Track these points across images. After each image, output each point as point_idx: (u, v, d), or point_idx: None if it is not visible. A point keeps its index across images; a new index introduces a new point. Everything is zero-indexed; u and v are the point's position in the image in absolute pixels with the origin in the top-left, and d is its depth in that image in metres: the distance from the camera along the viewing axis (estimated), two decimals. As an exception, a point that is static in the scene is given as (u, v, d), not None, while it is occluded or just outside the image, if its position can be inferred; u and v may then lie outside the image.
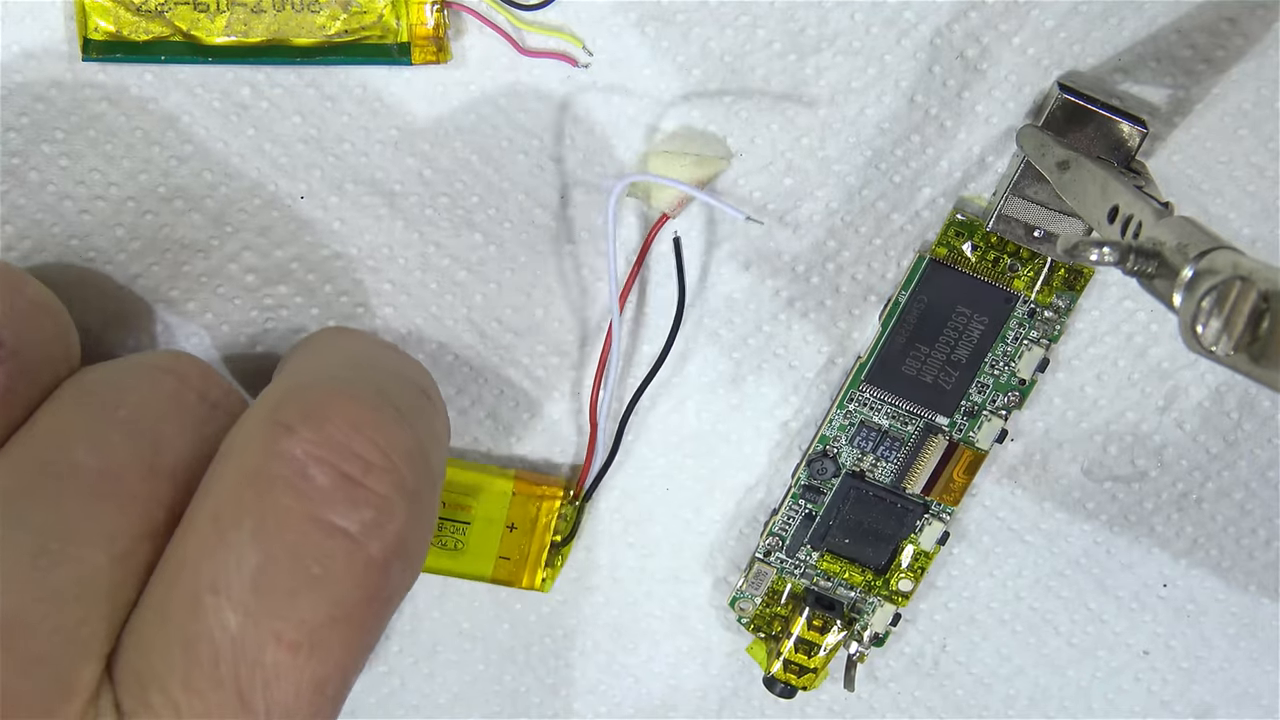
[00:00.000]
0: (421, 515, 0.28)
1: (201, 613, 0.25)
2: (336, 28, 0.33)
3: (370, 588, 0.26)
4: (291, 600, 0.25)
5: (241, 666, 0.25)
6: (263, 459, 0.26)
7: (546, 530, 0.37)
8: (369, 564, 0.26)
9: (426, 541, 0.28)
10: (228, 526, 0.26)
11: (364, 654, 0.27)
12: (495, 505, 0.36)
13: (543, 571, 0.37)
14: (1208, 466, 0.38)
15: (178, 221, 0.35)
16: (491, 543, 0.37)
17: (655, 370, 0.36)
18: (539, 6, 0.33)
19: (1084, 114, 0.33)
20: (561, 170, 0.35)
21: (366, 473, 0.26)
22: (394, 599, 0.27)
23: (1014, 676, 0.40)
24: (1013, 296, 0.36)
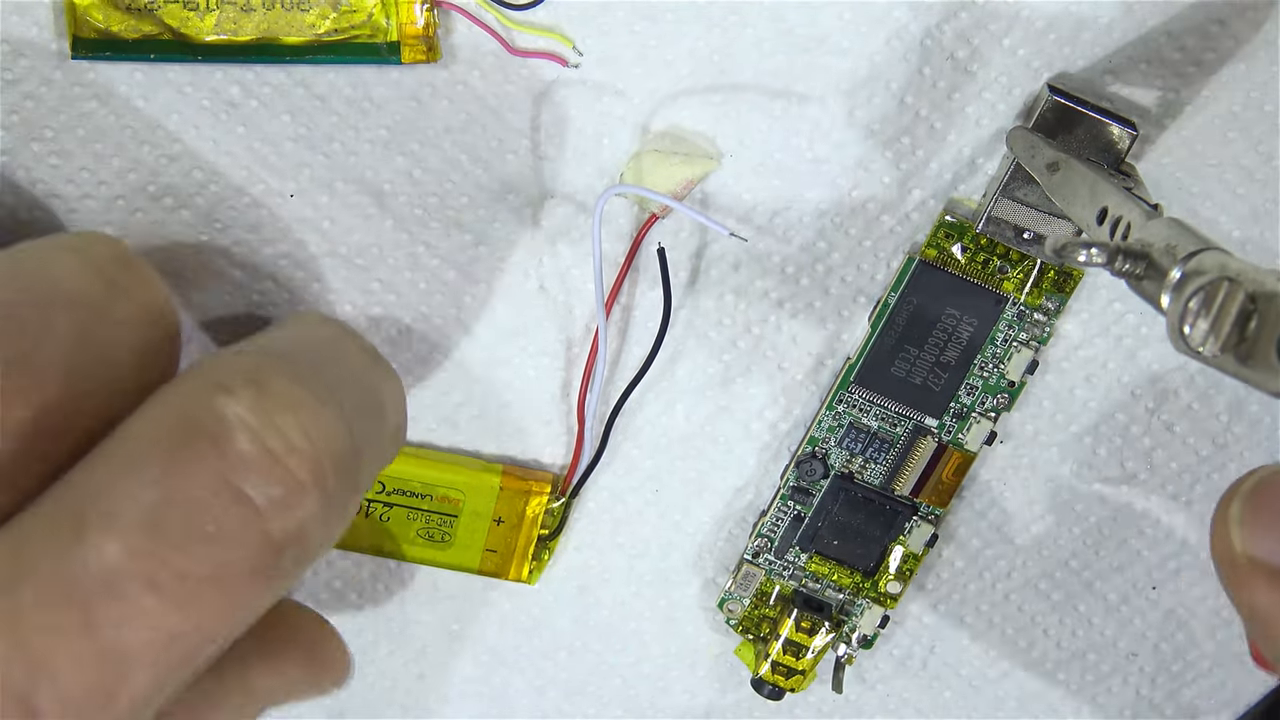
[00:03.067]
0: (331, 516, 0.27)
1: (83, 532, 0.25)
2: (326, 26, 0.33)
3: (257, 564, 0.26)
4: (177, 549, 0.25)
5: (103, 596, 0.24)
6: (192, 409, 0.26)
7: (533, 525, 0.37)
8: (264, 540, 0.26)
9: (327, 546, 0.28)
10: (138, 460, 0.25)
11: (228, 629, 0.26)
12: (482, 499, 0.36)
13: (529, 564, 0.37)
14: (1197, 469, 0.38)
15: (167, 219, 0.35)
16: (478, 536, 0.37)
17: (641, 375, 0.36)
18: (529, 6, 0.33)
19: (1074, 116, 0.33)
20: (551, 170, 0.35)
21: (289, 452, 0.26)
22: (276, 585, 0.27)
23: (1002, 679, 0.40)
24: (1002, 298, 0.36)
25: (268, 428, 0.26)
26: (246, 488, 0.25)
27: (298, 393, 0.27)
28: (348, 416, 0.28)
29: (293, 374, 0.27)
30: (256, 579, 0.26)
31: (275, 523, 0.26)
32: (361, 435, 0.28)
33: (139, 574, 0.24)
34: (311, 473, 0.26)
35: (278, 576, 0.26)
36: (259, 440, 0.26)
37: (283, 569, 0.26)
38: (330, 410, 0.27)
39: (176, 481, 0.25)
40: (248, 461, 0.26)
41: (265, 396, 0.26)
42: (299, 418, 0.26)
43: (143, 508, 0.25)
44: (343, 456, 0.27)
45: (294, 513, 0.26)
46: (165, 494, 0.25)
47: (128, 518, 0.25)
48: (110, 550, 0.24)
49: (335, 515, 0.27)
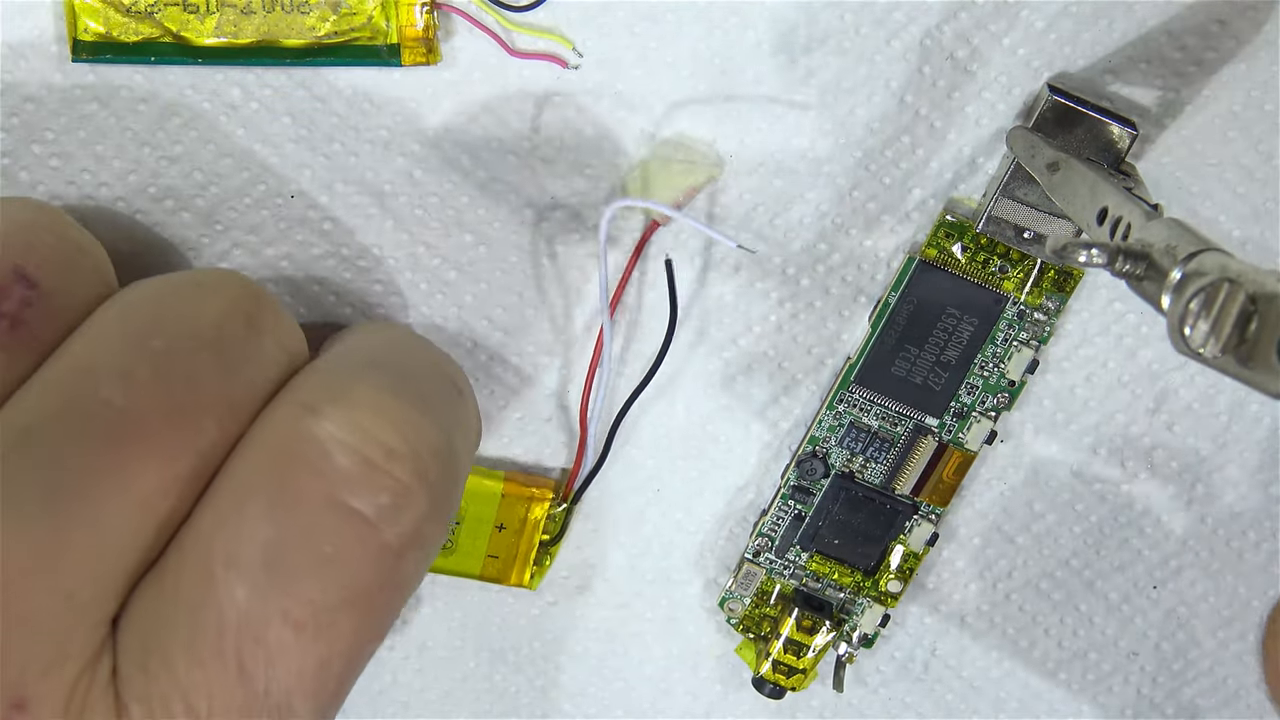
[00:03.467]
0: (440, 508, 0.27)
1: (211, 584, 0.25)
2: (326, 29, 0.33)
3: (383, 573, 0.26)
4: (302, 579, 0.25)
5: (245, 641, 0.25)
6: (285, 438, 0.26)
7: (535, 530, 0.37)
8: (383, 549, 0.26)
9: (443, 536, 0.28)
10: (245, 500, 0.25)
11: (372, 642, 0.27)
12: (484, 505, 0.36)
13: (530, 569, 0.37)
14: (1197, 468, 0.38)
15: (168, 221, 0.35)
16: (480, 541, 0.37)
17: (645, 383, 0.36)
18: (528, 8, 0.33)
19: (1074, 116, 0.33)
20: (551, 171, 0.35)
21: (389, 458, 0.26)
22: (406, 589, 0.27)
23: (1003, 678, 0.40)
24: (1002, 298, 0.36)
25: (362, 438, 0.26)
26: (354, 502, 0.26)
27: (384, 398, 0.27)
28: (435, 410, 0.28)
29: (374, 380, 0.27)
30: (386, 589, 0.26)
31: (390, 530, 0.26)
32: (449, 422, 0.28)
33: (274, 613, 0.25)
34: (414, 473, 0.26)
35: (405, 582, 0.27)
36: (356, 453, 0.26)
37: (407, 573, 0.27)
38: (418, 407, 0.27)
39: (286, 512, 0.25)
40: (349, 476, 0.26)
41: (353, 408, 0.26)
42: (390, 421, 0.26)
43: (260, 545, 0.25)
44: (439, 449, 0.27)
45: (406, 515, 0.26)
46: (278, 527, 0.25)
47: (248, 559, 0.25)
48: (240, 595, 0.25)
49: (444, 508, 0.28)
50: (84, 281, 0.28)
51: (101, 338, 0.27)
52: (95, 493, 0.25)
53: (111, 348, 0.27)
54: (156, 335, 0.27)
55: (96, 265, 0.29)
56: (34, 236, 0.28)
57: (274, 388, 0.28)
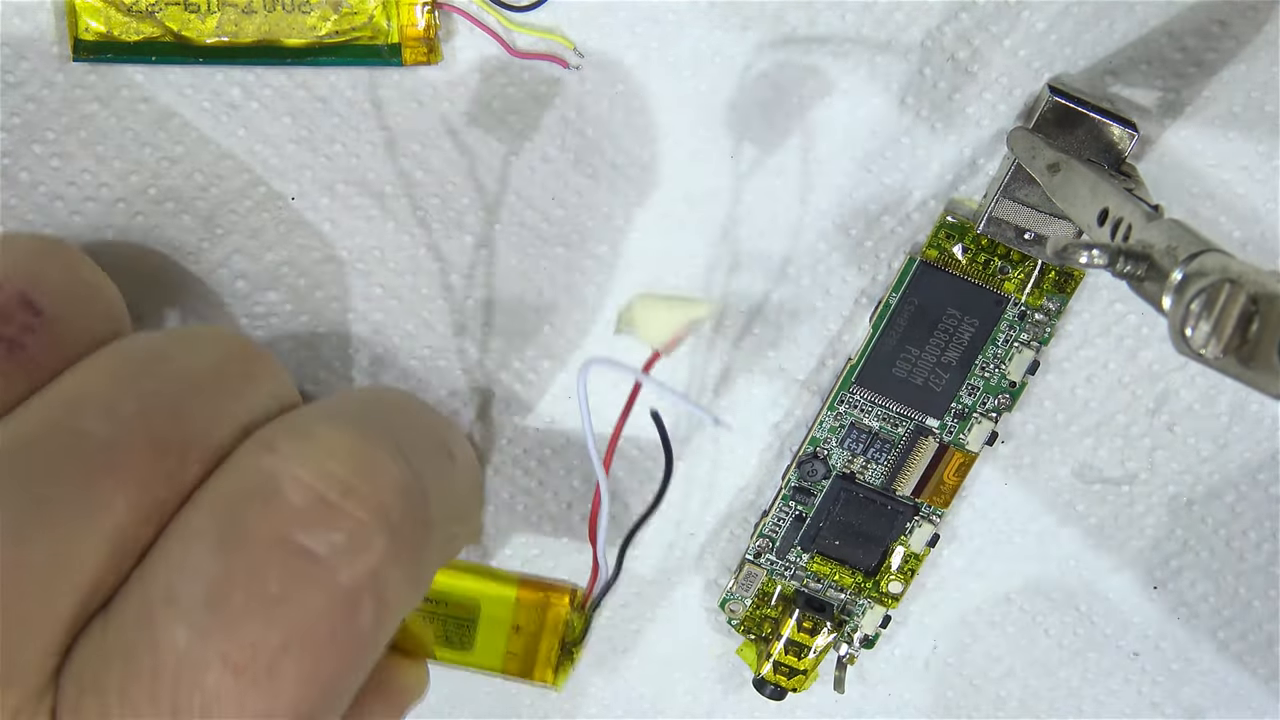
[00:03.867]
0: (405, 556, 0.26)
1: (150, 623, 0.24)
2: (327, 29, 0.33)
3: (335, 618, 0.24)
4: (245, 620, 0.24)
5: (182, 686, 0.23)
6: (239, 475, 0.25)
7: (554, 632, 0.36)
8: (335, 592, 0.24)
9: (411, 589, 0.27)
10: (192, 537, 0.24)
11: (325, 698, 0.25)
12: (499, 609, 0.36)
13: (554, 669, 0.37)
14: (1198, 469, 0.38)
15: (168, 223, 0.35)
16: (499, 640, 0.36)
17: (647, 515, 0.35)
18: (530, 8, 0.33)
19: (1074, 116, 0.33)
20: (553, 171, 0.35)
21: (345, 495, 0.25)
22: (363, 643, 0.25)
23: (1004, 678, 0.40)
24: (1003, 299, 0.36)
25: (318, 475, 0.25)
26: (305, 540, 0.24)
27: (346, 437, 0.26)
28: (409, 458, 0.27)
29: (342, 422, 0.26)
30: (338, 639, 0.25)
31: (344, 571, 0.24)
32: (426, 474, 0.27)
33: (213, 656, 0.23)
34: (373, 512, 0.25)
35: (362, 633, 0.25)
36: (310, 489, 0.25)
37: (364, 622, 0.25)
38: (382, 448, 0.26)
39: (232, 550, 0.24)
40: (301, 513, 0.24)
41: (311, 444, 0.25)
42: (350, 458, 0.25)
43: (204, 583, 0.24)
44: (406, 491, 0.26)
45: (362, 557, 0.25)
46: (223, 565, 0.24)
47: (190, 597, 0.24)
48: (179, 635, 0.23)
49: (409, 555, 0.26)
50: (91, 318, 0.28)
51: (93, 372, 0.27)
52: (61, 519, 0.24)
53: (101, 382, 0.26)
54: (148, 376, 0.27)
55: (108, 306, 0.29)
56: (45, 267, 0.28)
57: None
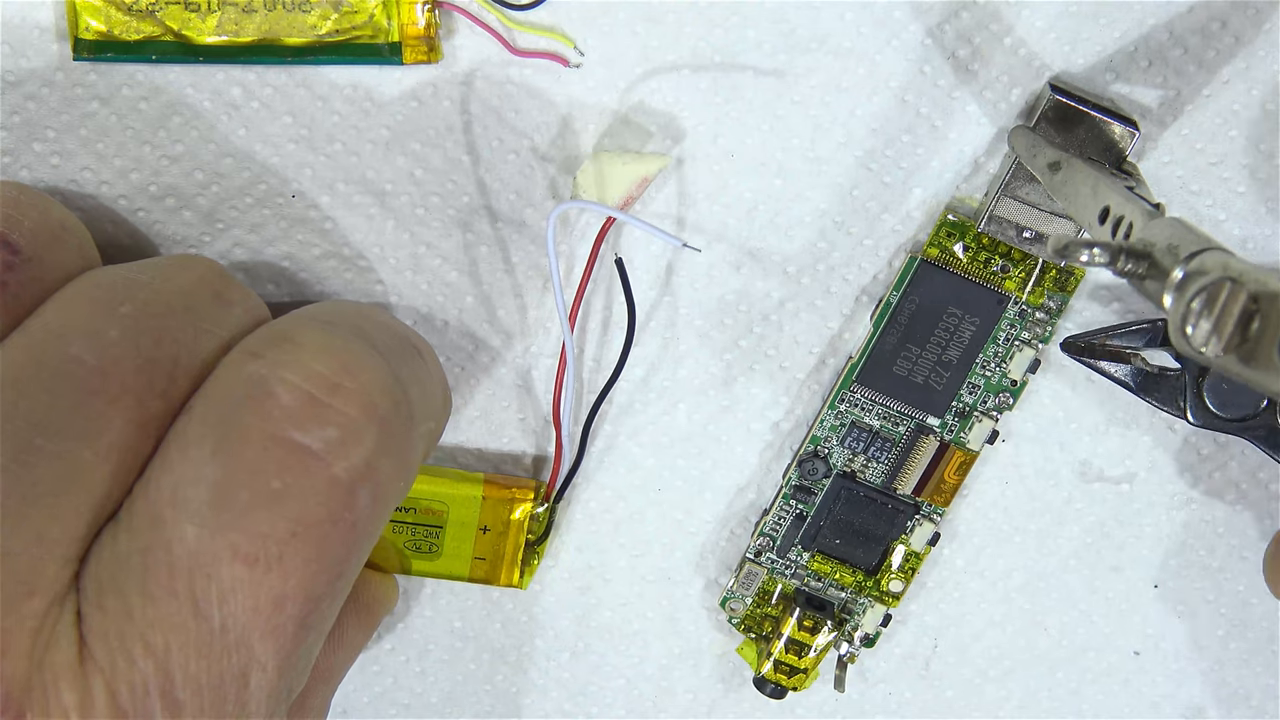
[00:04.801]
0: (393, 446, 0.27)
1: (160, 525, 0.25)
2: (328, 27, 0.33)
3: (334, 507, 0.26)
4: (250, 514, 0.25)
5: (197, 578, 0.25)
6: (230, 382, 0.26)
7: (520, 531, 0.37)
8: (332, 482, 0.26)
9: (400, 478, 0.28)
10: (190, 443, 0.26)
11: (331, 580, 0.26)
12: (466, 510, 0.36)
13: (519, 569, 0.37)
14: (1198, 468, 0.38)
15: (169, 220, 0.35)
16: (466, 545, 0.37)
17: (611, 383, 0.35)
18: (530, 6, 0.33)
19: (1075, 115, 0.33)
20: (553, 170, 0.35)
21: (333, 393, 0.26)
22: (362, 529, 0.27)
23: (1004, 677, 0.40)
24: (1004, 297, 0.36)
25: (305, 375, 0.26)
26: (300, 437, 0.26)
27: (329, 338, 0.27)
28: (387, 356, 0.28)
29: (321, 325, 0.27)
30: (339, 524, 0.26)
31: (339, 463, 0.26)
32: (403, 370, 0.28)
33: (223, 549, 0.25)
34: (362, 407, 0.26)
35: (360, 519, 0.26)
36: (299, 389, 0.26)
37: (361, 509, 0.26)
38: (361, 347, 0.27)
39: (231, 452, 0.25)
40: (293, 412, 0.26)
41: (295, 348, 0.26)
42: (335, 358, 0.26)
43: (207, 485, 0.25)
44: (387, 386, 0.27)
45: (356, 449, 0.26)
46: (224, 467, 0.25)
47: (196, 499, 0.25)
48: (189, 533, 0.25)
49: (398, 447, 0.27)
50: (66, 254, 0.30)
51: (74, 303, 0.28)
52: (65, 439, 0.25)
53: (83, 311, 0.28)
54: (125, 302, 0.28)
55: (80, 244, 0.30)
56: (18, 210, 0.29)
57: None
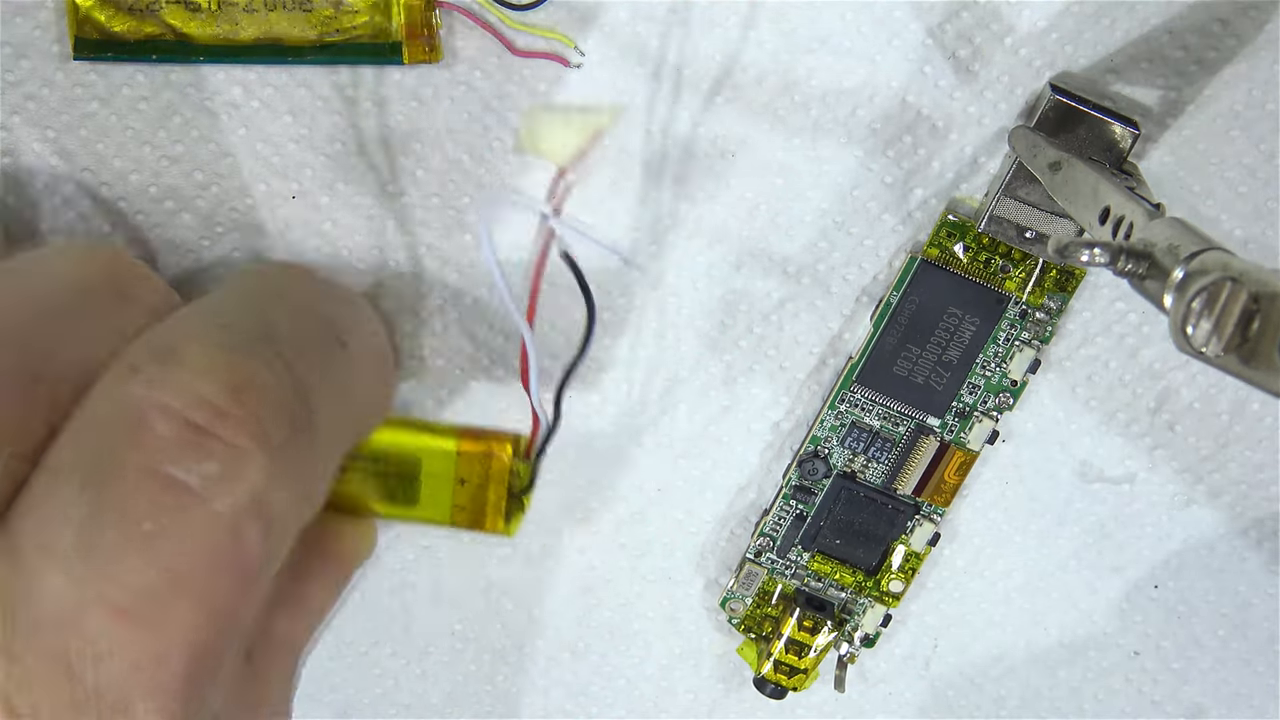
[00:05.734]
0: (288, 473, 0.24)
1: (25, 573, 0.22)
2: (328, 27, 0.33)
3: (216, 551, 0.23)
4: (120, 561, 0.22)
5: (68, 635, 0.22)
6: (102, 403, 0.24)
7: (500, 483, 0.35)
8: (213, 523, 0.23)
9: (301, 503, 0.25)
10: (59, 477, 0.23)
11: (220, 629, 0.23)
12: (440, 463, 0.34)
13: (503, 517, 0.35)
14: (1199, 468, 0.38)
15: (169, 221, 0.35)
16: (444, 495, 0.35)
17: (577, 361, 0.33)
18: (530, 6, 0.33)
19: (1076, 115, 0.33)
20: (552, 168, 0.35)
21: (215, 421, 0.23)
22: (252, 568, 0.24)
23: (1005, 677, 0.40)
24: (1004, 297, 0.36)
25: (186, 400, 0.23)
26: (175, 472, 0.23)
27: (215, 354, 0.24)
28: (286, 358, 0.25)
29: (210, 334, 0.25)
30: (223, 569, 0.23)
31: (221, 500, 0.23)
32: (308, 371, 0.25)
33: (92, 600, 0.22)
34: (251, 434, 0.24)
35: (248, 559, 0.24)
36: (178, 417, 0.23)
37: (250, 548, 0.24)
38: (254, 359, 0.24)
39: (101, 488, 0.23)
40: (170, 444, 0.23)
41: (178, 367, 0.24)
42: (220, 379, 0.24)
43: (75, 527, 0.22)
44: (285, 404, 0.24)
45: (241, 484, 0.23)
46: (91, 505, 0.22)
47: (62, 542, 0.22)
48: (56, 583, 0.22)
49: (293, 470, 0.25)
50: None
51: None
52: None
53: None
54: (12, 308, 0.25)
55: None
56: None
57: None
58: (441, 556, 0.39)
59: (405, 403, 0.36)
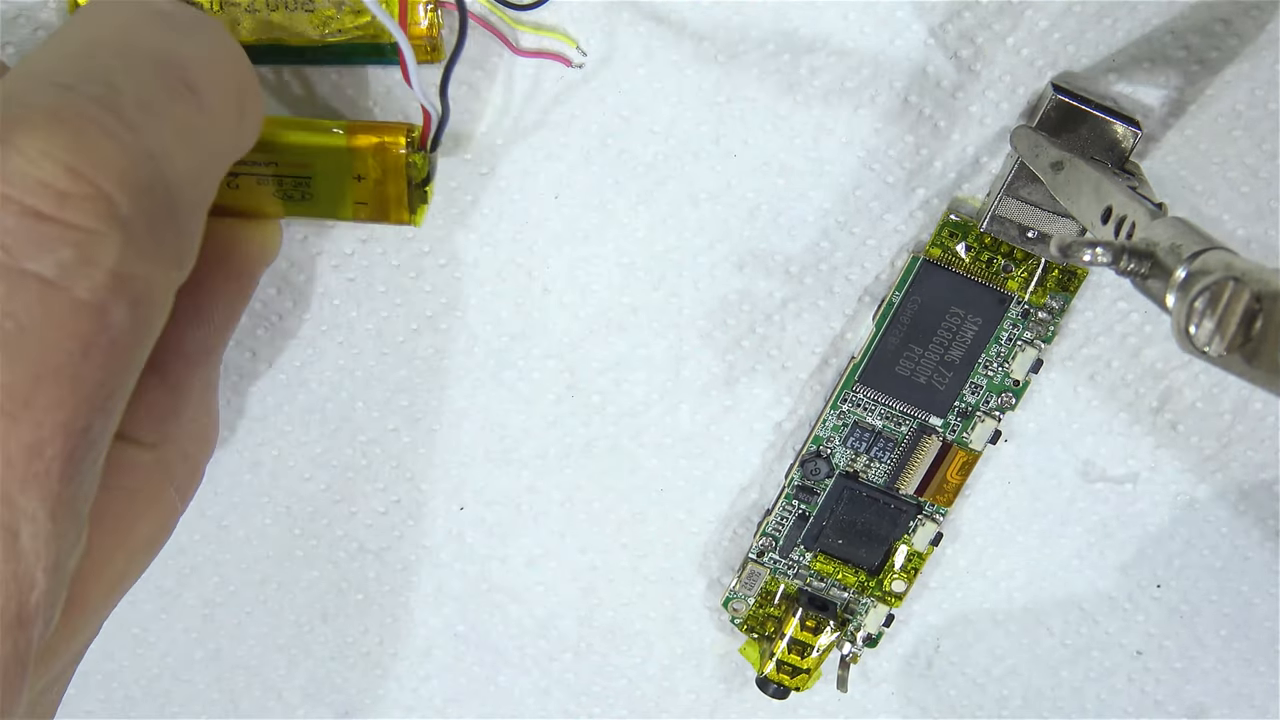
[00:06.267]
0: (151, 243, 0.23)
1: None
2: (330, 27, 0.33)
3: (85, 335, 0.22)
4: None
5: None
6: None
7: (398, 175, 0.33)
8: (77, 309, 0.22)
9: (169, 268, 0.24)
10: None
11: (98, 405, 0.23)
12: (334, 161, 0.33)
13: (406, 210, 0.34)
14: (1201, 467, 0.38)
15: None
16: (342, 191, 0.33)
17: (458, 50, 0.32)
18: (533, 6, 0.33)
19: (1078, 115, 0.33)
20: (555, 170, 0.35)
21: (61, 205, 0.22)
22: (125, 341, 0.23)
23: (1007, 677, 0.40)
24: (1006, 297, 0.36)
25: (26, 187, 0.22)
26: (28, 264, 0.22)
27: (51, 130, 0.22)
28: (129, 119, 0.24)
29: (40, 105, 0.23)
30: (95, 350, 0.23)
31: (80, 286, 0.22)
32: (156, 131, 0.24)
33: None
34: (98, 213, 0.22)
35: (119, 334, 0.23)
36: (20, 205, 0.22)
37: (119, 325, 0.23)
38: (96, 129, 0.23)
39: None
40: (18, 235, 0.22)
41: (10, 150, 0.22)
42: (58, 158, 0.22)
43: None
44: (131, 173, 0.23)
45: (97, 266, 0.22)
46: None
47: None
48: None
49: (154, 238, 0.24)
50: None
51: None
52: None
53: None
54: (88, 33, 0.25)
55: None
56: None
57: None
58: (444, 557, 0.39)
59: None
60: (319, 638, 0.40)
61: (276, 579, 0.39)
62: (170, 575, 0.39)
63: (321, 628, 0.40)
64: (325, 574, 0.39)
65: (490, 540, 0.39)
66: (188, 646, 0.40)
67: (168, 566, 0.39)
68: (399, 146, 0.33)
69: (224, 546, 0.39)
